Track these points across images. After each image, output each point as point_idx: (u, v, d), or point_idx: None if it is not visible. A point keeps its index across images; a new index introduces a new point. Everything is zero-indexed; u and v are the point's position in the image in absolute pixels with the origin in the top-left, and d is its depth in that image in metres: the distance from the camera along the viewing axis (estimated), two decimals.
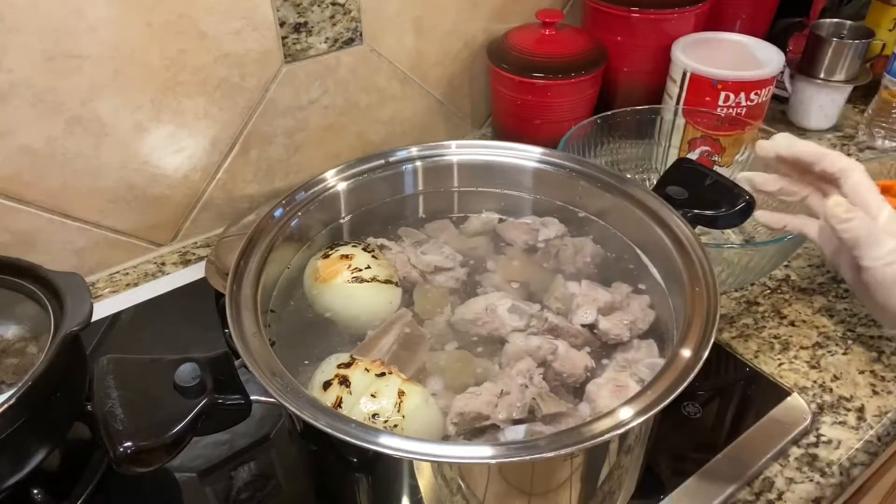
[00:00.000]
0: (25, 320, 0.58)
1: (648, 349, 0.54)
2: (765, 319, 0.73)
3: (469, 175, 0.67)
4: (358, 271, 0.57)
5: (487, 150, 0.66)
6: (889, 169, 0.82)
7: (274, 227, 0.57)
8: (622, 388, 0.50)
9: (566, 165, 0.64)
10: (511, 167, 0.66)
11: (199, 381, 0.43)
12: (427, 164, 0.66)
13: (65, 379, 0.52)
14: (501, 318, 0.56)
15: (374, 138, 0.92)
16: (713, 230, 0.83)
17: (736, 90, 0.87)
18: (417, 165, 0.66)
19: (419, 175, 0.66)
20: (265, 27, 0.76)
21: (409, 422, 0.46)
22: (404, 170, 0.65)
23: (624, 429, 0.41)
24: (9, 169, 0.69)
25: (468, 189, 0.68)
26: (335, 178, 0.63)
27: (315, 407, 0.42)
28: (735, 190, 0.60)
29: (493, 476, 0.45)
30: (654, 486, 0.56)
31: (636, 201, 0.60)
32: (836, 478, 0.59)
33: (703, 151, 0.87)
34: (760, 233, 0.82)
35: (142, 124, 0.74)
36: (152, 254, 0.83)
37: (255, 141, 0.83)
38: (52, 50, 0.65)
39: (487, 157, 0.66)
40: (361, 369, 0.49)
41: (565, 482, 0.47)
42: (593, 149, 0.85)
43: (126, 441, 0.39)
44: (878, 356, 0.69)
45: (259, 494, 0.57)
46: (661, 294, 0.57)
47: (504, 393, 0.49)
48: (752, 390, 0.65)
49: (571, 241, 0.63)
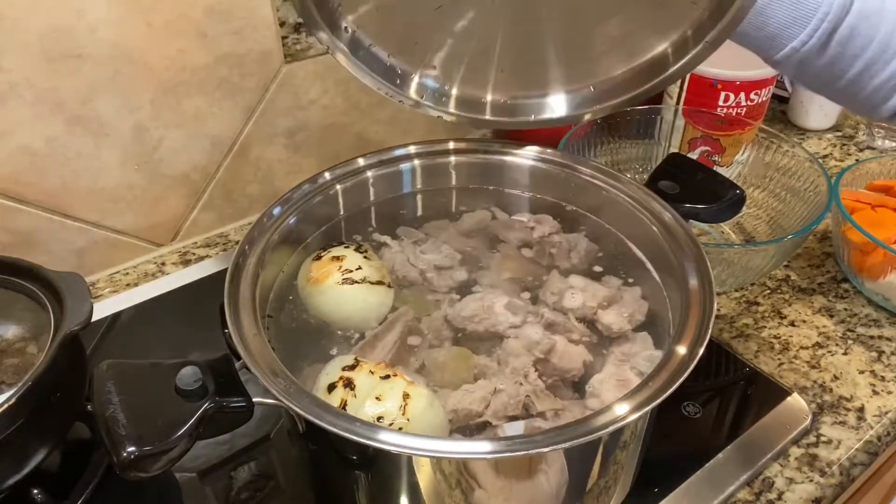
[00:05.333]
0: (25, 320, 0.58)
1: (644, 342, 0.55)
2: (765, 319, 0.73)
3: (467, 174, 0.67)
4: (349, 272, 0.57)
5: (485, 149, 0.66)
6: (889, 169, 0.82)
7: (272, 227, 0.57)
8: (624, 383, 0.51)
9: (561, 163, 0.65)
10: (508, 166, 0.66)
11: (200, 385, 0.43)
12: (425, 163, 0.66)
13: (65, 379, 0.52)
14: (498, 314, 0.56)
15: (374, 138, 0.92)
16: (713, 230, 0.84)
17: (736, 90, 0.87)
18: (416, 164, 0.66)
19: (417, 174, 0.67)
20: (265, 27, 0.76)
21: (413, 424, 0.46)
22: (402, 168, 0.66)
23: (620, 424, 0.41)
24: (9, 169, 0.69)
25: (466, 187, 0.68)
26: (333, 176, 0.63)
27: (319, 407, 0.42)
28: (726, 184, 0.60)
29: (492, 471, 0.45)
30: (654, 485, 0.56)
31: (629, 197, 0.61)
32: (836, 478, 0.59)
33: (703, 151, 0.87)
34: (760, 233, 0.82)
35: (142, 124, 0.74)
36: (152, 254, 0.83)
37: (255, 141, 0.83)
38: (52, 50, 0.65)
39: (486, 156, 0.67)
40: (366, 371, 0.49)
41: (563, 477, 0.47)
42: (593, 149, 0.85)
43: (129, 446, 0.39)
44: (878, 356, 0.69)
45: (259, 494, 0.57)
46: (655, 287, 0.58)
47: (498, 390, 0.50)
48: (752, 390, 0.65)
49: (566, 238, 0.63)
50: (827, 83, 0.55)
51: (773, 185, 0.82)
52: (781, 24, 0.52)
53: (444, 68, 0.61)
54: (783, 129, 1.04)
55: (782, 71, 0.57)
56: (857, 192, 0.79)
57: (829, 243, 0.83)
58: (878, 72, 0.52)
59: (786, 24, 0.52)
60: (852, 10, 0.51)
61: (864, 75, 0.53)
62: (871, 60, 0.52)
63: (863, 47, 0.52)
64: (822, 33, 0.51)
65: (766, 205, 0.83)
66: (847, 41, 0.51)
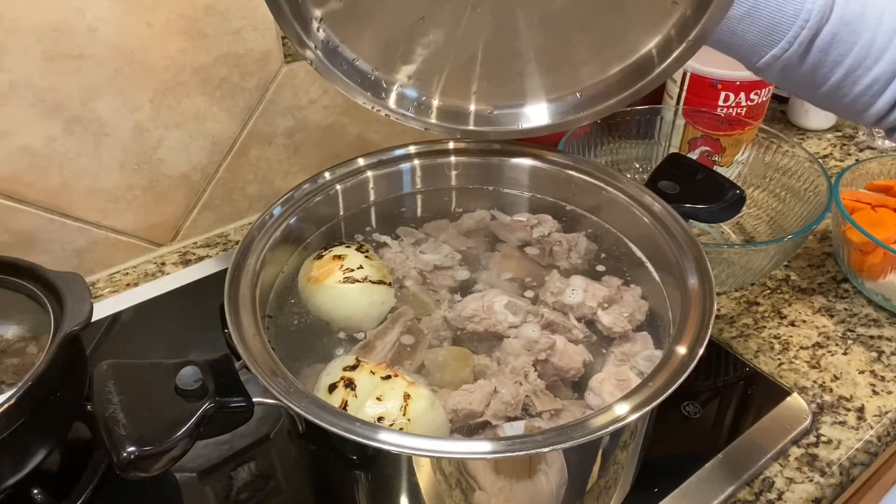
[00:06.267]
0: (25, 320, 0.58)
1: (644, 341, 0.55)
2: (765, 319, 0.73)
3: (467, 174, 0.67)
4: (350, 271, 0.57)
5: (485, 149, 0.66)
6: (889, 169, 0.82)
7: (272, 227, 0.57)
8: (625, 382, 0.51)
9: (561, 163, 0.65)
10: (508, 166, 0.66)
11: (200, 385, 0.43)
12: (425, 163, 0.66)
13: (65, 379, 0.52)
14: (498, 314, 0.56)
15: (374, 138, 0.92)
16: (713, 230, 0.84)
17: (736, 90, 0.87)
18: (416, 164, 0.66)
19: (417, 174, 0.67)
20: (265, 27, 0.76)
21: (414, 425, 0.46)
22: (402, 168, 0.66)
23: (620, 424, 0.41)
24: (9, 169, 0.69)
25: (466, 187, 0.68)
26: (333, 176, 0.63)
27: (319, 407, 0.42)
28: (726, 184, 0.60)
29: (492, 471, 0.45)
30: (654, 485, 0.56)
31: (629, 196, 0.61)
32: (836, 478, 0.59)
33: (703, 151, 0.87)
34: (760, 233, 0.82)
35: (142, 124, 0.74)
36: (152, 254, 0.83)
37: (255, 141, 0.83)
38: (52, 50, 0.65)
39: (486, 156, 0.67)
40: (367, 372, 0.49)
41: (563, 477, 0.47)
42: (593, 149, 0.85)
43: (129, 446, 0.39)
44: (878, 356, 0.69)
45: (259, 494, 0.57)
46: (655, 287, 0.58)
47: (498, 390, 0.50)
48: (752, 390, 0.65)
49: (566, 237, 0.63)
50: (810, 89, 0.55)
51: (773, 185, 0.82)
52: (762, 31, 0.52)
53: (425, 80, 0.61)
54: (783, 129, 1.04)
55: (765, 78, 0.57)
56: (857, 192, 0.79)
57: (829, 243, 0.83)
58: (860, 77, 0.53)
59: (766, 31, 0.52)
60: (833, 16, 0.51)
61: (847, 81, 0.53)
62: (853, 66, 0.52)
63: (844, 54, 0.52)
64: (802, 40, 0.51)
65: (766, 205, 0.83)
66: (828, 48, 0.52)
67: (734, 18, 0.52)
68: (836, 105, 0.56)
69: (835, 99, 0.55)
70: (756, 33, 0.52)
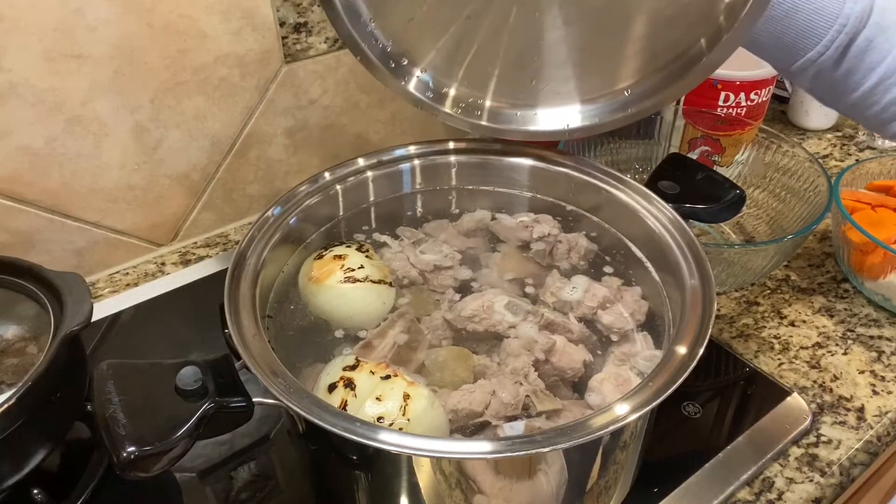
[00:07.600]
0: (25, 320, 0.58)
1: (644, 342, 0.55)
2: (765, 319, 0.73)
3: (467, 173, 0.67)
4: (351, 271, 0.57)
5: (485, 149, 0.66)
6: (889, 169, 0.82)
7: (272, 227, 0.57)
8: (625, 382, 0.51)
9: (561, 163, 0.65)
10: (508, 166, 0.66)
11: (200, 385, 0.43)
12: (425, 163, 0.66)
13: (65, 379, 0.52)
14: (498, 314, 0.56)
15: (374, 138, 0.92)
16: (713, 230, 0.84)
17: (736, 90, 0.87)
18: (416, 164, 0.66)
19: (417, 174, 0.67)
20: (265, 27, 0.76)
21: (414, 425, 0.46)
22: (402, 168, 0.66)
23: (620, 424, 0.41)
24: (9, 169, 0.69)
25: (466, 187, 0.68)
26: (333, 176, 0.63)
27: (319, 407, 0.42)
28: (726, 184, 0.60)
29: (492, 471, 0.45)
30: (654, 485, 0.56)
31: (629, 196, 0.61)
32: (836, 478, 0.59)
33: (703, 151, 0.87)
34: (760, 233, 0.82)
35: (142, 124, 0.74)
36: (152, 254, 0.83)
37: (255, 141, 0.83)
38: (52, 50, 0.65)
39: (486, 156, 0.67)
40: (367, 371, 0.49)
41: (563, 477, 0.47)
42: (593, 149, 0.85)
43: (129, 446, 0.39)
44: (878, 356, 0.69)
45: (259, 494, 0.57)
46: (655, 287, 0.58)
47: (498, 391, 0.50)
48: (752, 390, 0.65)
49: (566, 237, 0.63)
50: (841, 96, 0.55)
51: (773, 185, 0.82)
52: (800, 34, 0.52)
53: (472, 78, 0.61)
54: (783, 129, 1.04)
55: (797, 82, 0.57)
56: (857, 192, 0.79)
57: (829, 243, 0.83)
58: (892, 86, 0.53)
59: (803, 35, 0.52)
60: (870, 22, 0.51)
61: (878, 89, 0.53)
62: (886, 74, 0.52)
63: (878, 60, 0.52)
64: (839, 44, 0.51)
65: (766, 205, 0.83)
66: (863, 53, 0.52)
67: (773, 19, 0.51)
68: (864, 113, 0.56)
69: (864, 107, 0.55)
70: (793, 35, 0.52)
